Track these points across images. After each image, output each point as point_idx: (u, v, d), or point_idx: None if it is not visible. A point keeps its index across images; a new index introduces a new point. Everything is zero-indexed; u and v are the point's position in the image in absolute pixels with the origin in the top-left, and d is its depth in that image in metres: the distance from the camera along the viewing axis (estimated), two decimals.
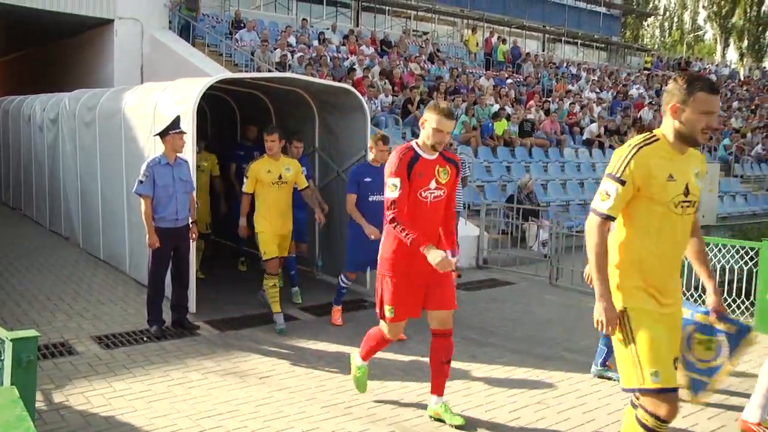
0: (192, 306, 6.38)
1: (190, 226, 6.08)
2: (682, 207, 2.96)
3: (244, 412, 4.35)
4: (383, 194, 5.67)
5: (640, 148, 2.95)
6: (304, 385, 4.85)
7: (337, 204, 7.44)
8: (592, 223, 3.01)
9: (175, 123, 5.88)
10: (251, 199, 6.30)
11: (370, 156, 6.36)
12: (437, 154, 4.06)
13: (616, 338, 3.02)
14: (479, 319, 6.60)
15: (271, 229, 6.17)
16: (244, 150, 8.45)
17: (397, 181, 3.95)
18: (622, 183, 2.91)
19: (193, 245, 6.22)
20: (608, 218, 2.97)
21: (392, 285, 4.09)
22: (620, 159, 2.95)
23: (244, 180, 6.18)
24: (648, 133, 3.06)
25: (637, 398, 3.01)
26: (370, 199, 6.15)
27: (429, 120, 3.99)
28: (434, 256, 3.83)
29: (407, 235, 3.88)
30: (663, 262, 3.00)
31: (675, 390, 2.92)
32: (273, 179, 6.14)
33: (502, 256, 9.69)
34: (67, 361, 5.16)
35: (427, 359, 5.42)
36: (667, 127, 3.00)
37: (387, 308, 4.12)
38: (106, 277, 7.94)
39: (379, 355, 5.48)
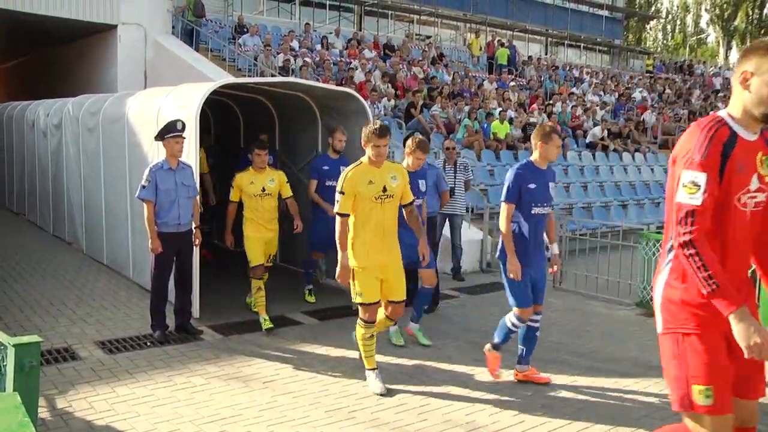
0: (195, 311, 6.38)
1: (194, 231, 6.08)
2: None
3: (247, 416, 4.35)
4: (546, 204, 4.85)
5: None
6: (307, 389, 4.84)
7: None
8: None
9: (170, 127, 5.82)
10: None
11: (535, 154, 4.85)
12: (759, 132, 2.56)
13: None
14: (483, 322, 6.58)
15: (371, 262, 4.71)
16: (329, 164, 7.01)
17: (702, 177, 2.42)
18: None
19: (196, 250, 6.21)
20: None
21: (704, 349, 2.51)
22: None
23: (338, 198, 4.67)
24: None
25: None
26: (533, 211, 4.79)
27: (760, 69, 2.43)
28: (747, 332, 2.34)
29: (709, 278, 2.37)
30: None
31: None
32: (375, 193, 4.69)
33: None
34: (71, 367, 5.16)
35: (430, 363, 5.42)
36: None
37: (698, 390, 2.48)
38: (109, 282, 7.95)
39: (383, 359, 5.48)
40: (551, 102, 18.24)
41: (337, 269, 4.72)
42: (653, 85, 25.19)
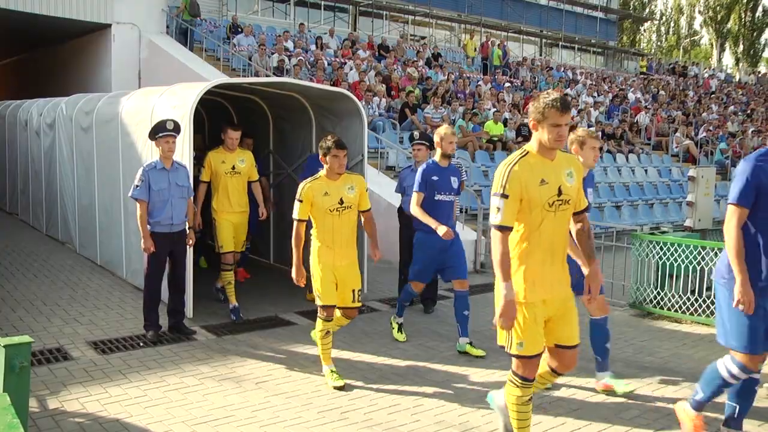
0: (189, 311, 6.36)
1: (187, 231, 6.06)
2: None
3: (240, 417, 4.34)
4: None
5: None
6: (300, 390, 4.84)
7: None
8: None
9: (160, 126, 5.78)
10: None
11: None
12: None
13: None
14: (476, 323, 6.58)
15: (536, 296, 3.38)
16: (438, 173, 5.72)
17: None
18: None
19: (189, 251, 6.19)
20: None
21: None
22: None
23: (498, 203, 3.29)
24: None
25: None
26: None
27: None
28: None
29: None
30: None
31: None
32: (549, 196, 3.33)
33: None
34: (63, 367, 5.14)
35: (423, 363, 5.43)
36: None
37: None
38: (102, 283, 7.92)
39: (376, 360, 5.49)
40: None
41: (500, 308, 3.28)
42: (647, 86, 25.29)
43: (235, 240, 6.72)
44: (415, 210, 5.63)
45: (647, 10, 53.49)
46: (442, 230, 5.33)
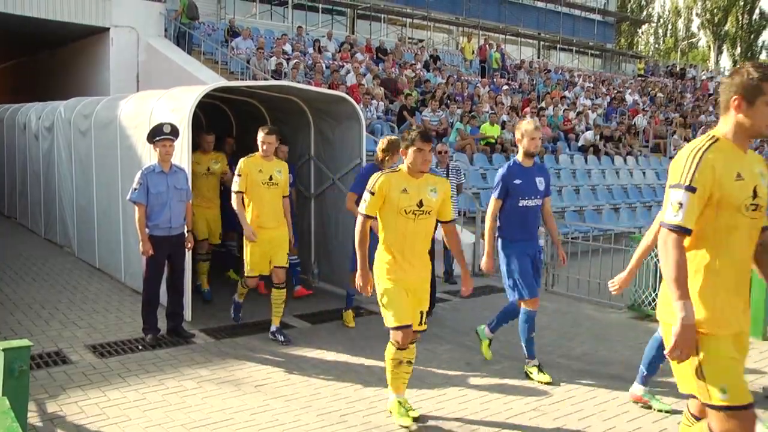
0: (187, 314, 6.36)
1: (186, 234, 6.06)
2: None
3: (239, 420, 4.34)
4: None
5: None
6: (299, 393, 4.84)
7: (334, 211, 7.48)
8: None
9: (157, 130, 5.79)
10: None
11: None
12: None
13: None
14: (475, 326, 6.59)
15: (732, 325, 2.70)
16: (521, 176, 5.16)
17: None
18: None
19: (188, 254, 6.19)
20: None
21: None
22: None
23: (682, 197, 2.60)
24: None
25: None
26: None
27: None
28: None
29: None
30: None
31: None
32: (745, 197, 2.66)
33: (498, 263, 9.67)
34: (61, 371, 5.14)
35: (422, 366, 5.42)
36: None
37: None
38: (101, 286, 7.91)
39: (374, 362, 5.49)
40: (544, 106, 18.30)
41: (674, 335, 2.54)
42: (645, 88, 25.33)
43: (273, 257, 5.97)
44: (486, 220, 5.11)
45: (645, 12, 53.64)
46: (483, 264, 5.24)
